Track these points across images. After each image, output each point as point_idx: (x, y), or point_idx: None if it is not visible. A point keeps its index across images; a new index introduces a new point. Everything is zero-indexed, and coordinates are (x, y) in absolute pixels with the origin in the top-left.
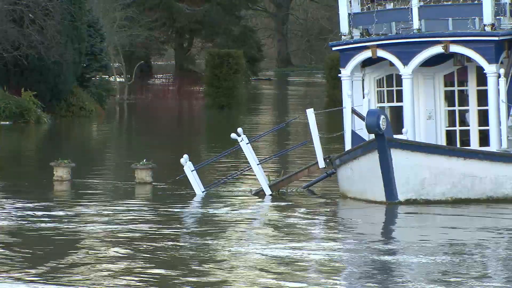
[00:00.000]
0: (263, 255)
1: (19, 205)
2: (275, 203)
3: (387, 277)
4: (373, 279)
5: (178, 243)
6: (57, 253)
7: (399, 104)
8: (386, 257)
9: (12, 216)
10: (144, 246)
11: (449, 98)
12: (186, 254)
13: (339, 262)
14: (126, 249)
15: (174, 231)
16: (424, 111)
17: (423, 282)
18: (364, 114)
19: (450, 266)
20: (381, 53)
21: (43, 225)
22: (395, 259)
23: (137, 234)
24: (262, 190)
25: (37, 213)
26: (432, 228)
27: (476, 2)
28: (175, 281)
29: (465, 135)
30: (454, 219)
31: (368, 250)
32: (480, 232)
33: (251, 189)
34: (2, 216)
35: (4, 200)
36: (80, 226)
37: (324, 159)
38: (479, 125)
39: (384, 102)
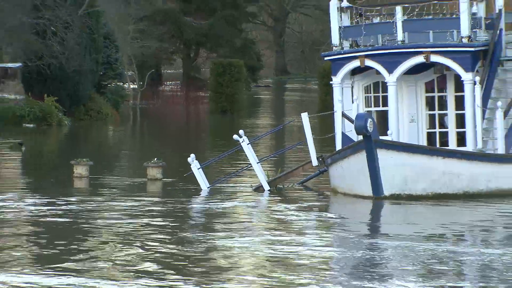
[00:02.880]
0: (261, 245)
1: (42, 199)
2: (273, 198)
3: (373, 265)
4: (361, 267)
5: (185, 234)
6: (75, 244)
7: (384, 108)
8: (373, 247)
9: (35, 209)
10: (154, 236)
11: (429, 103)
12: (191, 243)
13: (330, 251)
14: (138, 239)
15: (181, 223)
16: (407, 115)
17: (407, 271)
18: (353, 117)
19: (431, 255)
20: (368, 62)
21: (62, 219)
22: (381, 249)
23: (148, 226)
24: (261, 186)
25: (58, 207)
26: (415, 221)
27: (454, 16)
28: (183, 267)
29: (444, 136)
30: (435, 212)
31: (356, 240)
32: (457, 225)
33: (251, 185)
34: (26, 209)
35: (29, 194)
36: (96, 219)
37: (317, 158)
38: (457, 128)
39: (371, 106)
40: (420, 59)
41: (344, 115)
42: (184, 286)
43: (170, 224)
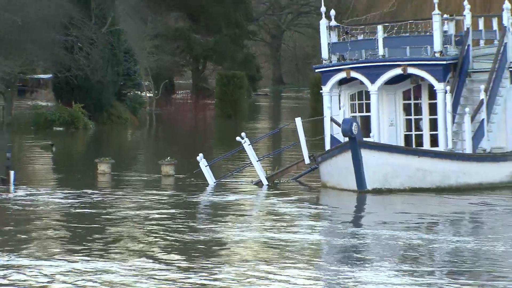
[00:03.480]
0: (259, 232)
1: (69, 192)
2: (270, 191)
3: (356, 251)
4: (345, 253)
5: (193, 223)
6: (98, 232)
7: (367, 114)
8: (356, 235)
9: (64, 201)
10: (167, 225)
11: (406, 109)
12: (199, 231)
13: (319, 239)
14: (152, 227)
15: (191, 213)
16: (387, 119)
17: (386, 257)
18: (340, 121)
19: (407, 242)
20: (353, 74)
21: (87, 209)
22: (363, 237)
23: (162, 216)
24: (261, 181)
25: (83, 199)
26: (393, 212)
27: (428, 34)
28: (191, 251)
29: (419, 138)
30: (411, 204)
31: (342, 229)
32: (431, 215)
33: (252, 180)
34: (56, 201)
35: (58, 188)
36: (117, 209)
37: (309, 157)
38: (430, 130)
39: (356, 112)
40: (398, 71)
41: (332, 120)
42: (191, 266)
43: (181, 214)
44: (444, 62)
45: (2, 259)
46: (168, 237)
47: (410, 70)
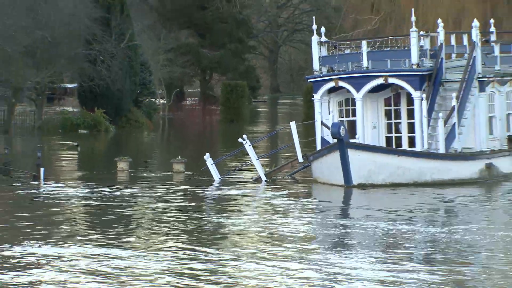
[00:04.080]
0: (258, 222)
1: (92, 187)
2: (268, 186)
3: (342, 239)
4: (332, 241)
5: (200, 213)
6: (117, 221)
7: (353, 118)
8: (342, 225)
9: (87, 195)
10: (177, 215)
11: (387, 114)
12: (205, 220)
13: (309, 228)
14: (164, 217)
15: (198, 205)
16: (370, 123)
17: (368, 245)
18: (329, 125)
19: (388, 232)
20: (341, 83)
21: (107, 202)
22: (348, 227)
23: (172, 207)
24: (260, 177)
25: (104, 193)
26: (376, 205)
27: (406, 48)
28: (198, 238)
29: (399, 139)
30: (391, 198)
31: (330, 220)
32: (408, 208)
33: (252, 176)
34: (81, 195)
35: (83, 183)
36: (133, 201)
37: (302, 156)
38: (409, 133)
39: (343, 117)
40: (380, 81)
41: (322, 124)
42: (196, 251)
43: (189, 205)
44: (421, 73)
45: (33, 245)
46: (177, 226)
47: (391, 80)
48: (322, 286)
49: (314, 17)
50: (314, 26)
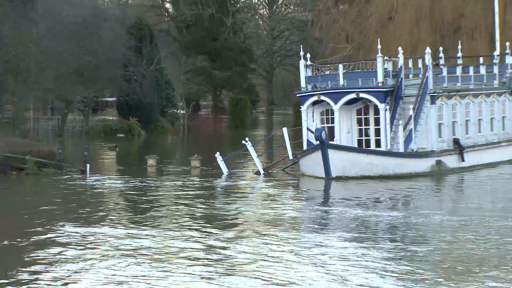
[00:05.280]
0: (256, 208)
1: (127, 179)
2: (265, 178)
3: (322, 223)
4: (314, 225)
5: (212, 200)
6: (145, 207)
7: (332, 125)
8: (322, 211)
9: (123, 185)
10: (194, 201)
11: (359, 122)
12: (216, 206)
13: (296, 213)
14: (184, 202)
15: (211, 193)
16: (345, 129)
17: (342, 227)
18: (313, 130)
19: (359, 217)
20: (322, 97)
21: (139, 191)
22: (327, 213)
23: (190, 195)
24: (259, 171)
25: (136, 184)
26: (349, 193)
27: (373, 70)
28: (209, 221)
29: (368, 141)
30: (361, 188)
31: (313, 206)
32: (375, 196)
33: (253, 170)
34: (118, 185)
35: (119, 176)
36: (159, 191)
37: (292, 154)
38: (375, 136)
39: (324, 124)
40: (353, 95)
41: (308, 129)
42: (208, 230)
43: (204, 194)
44: (385, 90)
45: (79, 227)
46: (193, 210)
47: (362, 95)
48: (302, 257)
49: (301, 46)
50: (301, 53)
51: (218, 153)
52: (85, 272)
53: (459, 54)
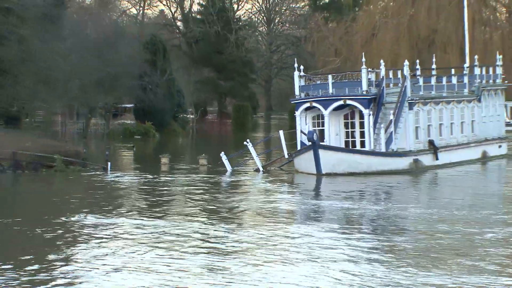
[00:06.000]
0: (255, 201)
1: (143, 175)
2: (264, 175)
3: (312, 213)
4: (304, 215)
5: (217, 193)
6: (158, 199)
7: (322, 128)
8: (314, 204)
9: (140, 181)
10: (202, 195)
11: (346, 125)
12: (220, 199)
13: (290, 205)
14: (193, 196)
15: (217, 188)
16: (334, 131)
17: (329, 218)
18: (306, 132)
19: (345, 209)
20: (314, 104)
21: (154, 186)
22: (318, 206)
23: (198, 189)
24: (258, 168)
25: (150, 180)
26: (337, 188)
27: (359, 80)
28: (215, 212)
29: (354, 142)
30: (348, 183)
31: (305, 199)
32: (361, 190)
33: (253, 168)
34: (135, 181)
35: (135, 173)
36: (171, 186)
37: (288, 154)
38: (360, 138)
39: (315, 127)
40: (341, 102)
41: (301, 132)
42: (215, 222)
43: (210, 188)
44: (369, 97)
45: (101, 217)
46: (201, 202)
47: (348, 102)
48: (293, 245)
49: (295, 59)
50: (296, 65)
51: (222, 152)
52: (105, 256)
53: (434, 66)
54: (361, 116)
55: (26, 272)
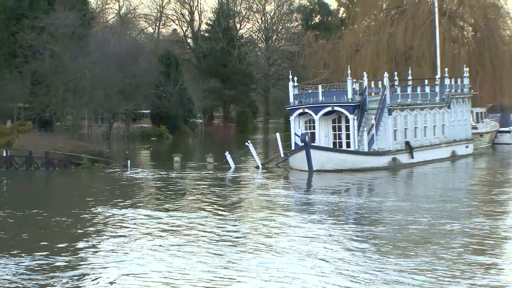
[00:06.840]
0: (255, 194)
1: (158, 172)
2: (263, 172)
3: (303, 206)
4: (297, 208)
5: (222, 188)
6: (170, 194)
7: (313, 131)
8: (305, 198)
9: (155, 177)
10: (209, 189)
11: (334, 128)
12: (224, 194)
13: (285, 198)
14: (201, 190)
15: (222, 183)
16: (324, 134)
17: (320, 211)
18: (299, 134)
19: (333, 203)
20: (307, 110)
21: (165, 182)
22: (308, 199)
23: (206, 184)
24: (258, 166)
25: (164, 176)
26: (326, 183)
27: (345, 89)
28: (219, 205)
29: (340, 143)
30: (336, 179)
31: (297, 193)
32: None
33: (254, 165)
34: (151, 177)
35: (153, 170)
36: (181, 181)
37: (284, 153)
38: (346, 139)
39: (308, 130)
40: (329, 108)
41: (295, 134)
42: (220, 213)
43: (216, 184)
44: (353, 104)
45: (120, 210)
46: (207, 196)
47: (336, 108)
48: (285, 234)
49: (290, 71)
50: (290, 77)
51: (227, 152)
52: (123, 244)
53: (410, 77)
54: (347, 121)
55: (61, 257)
